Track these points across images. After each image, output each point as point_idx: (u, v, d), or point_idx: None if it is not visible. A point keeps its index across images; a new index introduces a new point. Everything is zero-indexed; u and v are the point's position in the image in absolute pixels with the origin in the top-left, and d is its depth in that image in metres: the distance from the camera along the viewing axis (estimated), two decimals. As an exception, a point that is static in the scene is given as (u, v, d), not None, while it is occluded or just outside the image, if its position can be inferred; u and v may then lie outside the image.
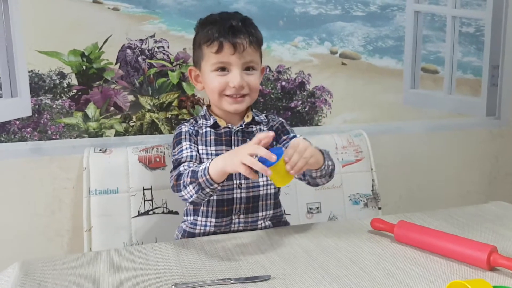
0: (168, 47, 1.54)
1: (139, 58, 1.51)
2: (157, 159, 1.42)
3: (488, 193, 1.96)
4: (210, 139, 1.18)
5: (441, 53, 1.84)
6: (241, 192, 1.17)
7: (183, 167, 1.11)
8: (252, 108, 1.25)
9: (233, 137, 1.19)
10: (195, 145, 1.18)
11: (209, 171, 1.01)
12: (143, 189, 1.40)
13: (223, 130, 1.20)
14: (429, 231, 1.02)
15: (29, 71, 1.43)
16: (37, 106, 1.44)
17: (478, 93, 1.92)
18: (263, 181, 1.20)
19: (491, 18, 1.87)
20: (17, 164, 1.44)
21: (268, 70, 1.62)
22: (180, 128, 1.21)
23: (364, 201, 1.59)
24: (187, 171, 1.07)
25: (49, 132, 1.46)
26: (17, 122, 1.43)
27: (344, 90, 1.73)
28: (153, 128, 1.55)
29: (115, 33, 1.48)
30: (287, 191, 1.48)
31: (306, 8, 1.65)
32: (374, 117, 1.79)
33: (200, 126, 1.21)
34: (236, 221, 1.18)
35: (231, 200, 1.17)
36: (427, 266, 0.93)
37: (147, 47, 1.52)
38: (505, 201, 1.35)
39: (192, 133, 1.19)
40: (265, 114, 1.27)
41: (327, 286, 0.86)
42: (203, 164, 1.04)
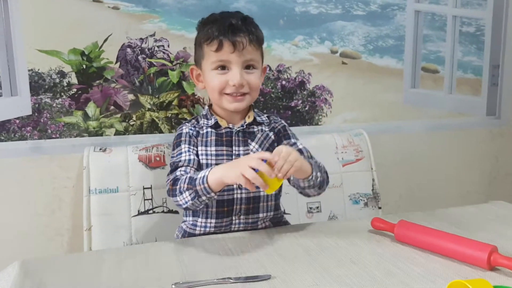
0: (168, 46, 1.53)
1: (139, 57, 1.51)
2: (157, 158, 1.41)
3: (488, 193, 1.96)
4: (211, 140, 1.18)
5: (442, 52, 1.84)
6: (241, 193, 1.17)
7: (180, 171, 1.11)
8: (254, 108, 1.24)
9: (234, 137, 1.19)
10: (194, 148, 1.17)
11: (207, 180, 1.01)
12: (143, 188, 1.39)
13: (224, 130, 1.19)
14: (429, 230, 1.02)
15: (29, 70, 1.42)
16: (37, 105, 1.44)
17: (478, 93, 1.92)
18: None
19: (491, 17, 1.87)
20: (17, 163, 1.44)
21: (268, 69, 1.62)
22: (181, 129, 1.21)
23: (364, 200, 1.59)
24: (184, 177, 1.07)
25: (49, 131, 1.46)
26: (17, 121, 1.43)
27: (344, 90, 1.73)
28: (153, 127, 1.55)
29: (115, 32, 1.48)
30: (287, 190, 1.48)
31: (306, 7, 1.65)
32: (374, 117, 1.79)
33: (201, 127, 1.20)
34: (237, 221, 1.18)
35: (231, 200, 1.16)
36: (428, 265, 0.93)
37: (147, 46, 1.52)
38: (505, 201, 1.35)
39: (192, 135, 1.19)
40: (267, 114, 1.26)
41: (327, 286, 0.86)
42: (202, 172, 1.04)
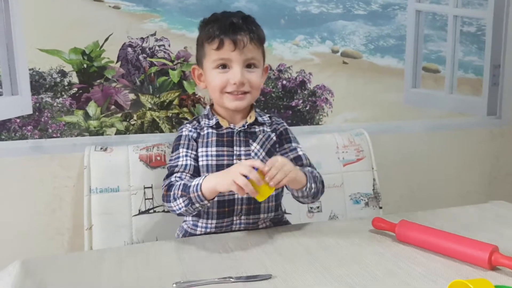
0: (169, 45, 1.53)
1: (140, 57, 1.51)
2: (158, 158, 1.41)
3: (488, 193, 1.96)
4: (211, 140, 1.18)
5: (442, 52, 1.84)
6: None
7: (175, 177, 1.12)
8: (256, 108, 1.24)
9: (235, 137, 1.18)
10: (193, 152, 1.17)
11: (201, 188, 1.02)
12: (144, 187, 1.39)
13: (225, 131, 1.19)
14: (430, 230, 1.02)
15: (29, 69, 1.42)
16: (37, 104, 1.44)
17: (479, 93, 1.92)
18: None
19: (492, 17, 1.87)
20: (17, 162, 1.44)
21: (269, 69, 1.62)
22: (181, 130, 1.21)
23: (365, 200, 1.59)
24: (178, 183, 1.08)
25: (50, 130, 1.46)
26: (18, 120, 1.43)
27: (345, 89, 1.73)
28: (153, 127, 1.55)
29: (116, 31, 1.48)
30: (288, 191, 1.48)
31: (307, 6, 1.65)
32: (375, 116, 1.79)
33: (202, 128, 1.20)
34: (237, 222, 1.17)
35: (232, 201, 1.16)
36: (429, 265, 0.93)
37: (148, 46, 1.51)
38: (506, 201, 1.34)
39: (192, 138, 1.18)
40: (268, 115, 1.26)
41: (328, 285, 0.86)
42: (196, 179, 1.05)
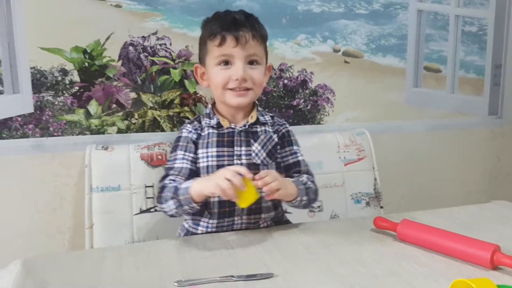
0: (171, 44, 1.53)
1: (141, 55, 1.51)
2: (159, 157, 1.41)
3: (489, 193, 1.96)
4: (212, 141, 1.17)
5: (444, 52, 1.84)
6: None
7: (169, 180, 1.13)
8: (258, 107, 1.23)
9: (235, 137, 1.18)
10: (190, 154, 1.17)
11: (189, 191, 1.04)
12: (145, 186, 1.39)
13: (226, 131, 1.18)
14: (432, 230, 1.02)
15: (31, 68, 1.42)
16: (39, 103, 1.44)
17: (481, 92, 1.92)
18: None
19: (494, 17, 1.87)
20: (18, 161, 1.44)
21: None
22: (181, 131, 1.21)
23: (366, 200, 1.59)
24: (170, 186, 1.09)
25: (51, 129, 1.46)
26: (19, 119, 1.43)
27: (347, 89, 1.73)
28: (155, 126, 1.55)
29: (117, 30, 1.47)
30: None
31: (309, 6, 1.64)
32: (376, 116, 1.79)
33: (203, 128, 1.20)
34: (239, 222, 1.17)
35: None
36: (430, 265, 0.93)
37: (149, 44, 1.51)
38: (507, 200, 1.34)
39: (190, 140, 1.18)
40: (270, 114, 1.25)
41: (329, 284, 0.85)
42: (187, 182, 1.07)
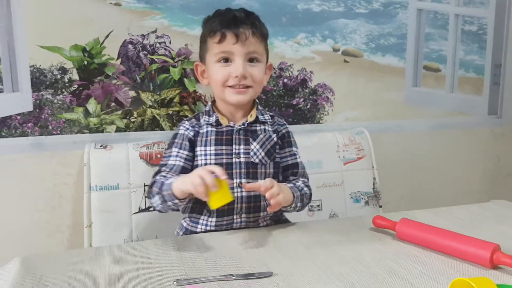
0: (170, 42, 1.53)
1: (141, 54, 1.51)
2: (158, 155, 1.41)
3: (489, 192, 1.96)
4: (210, 139, 1.17)
5: (444, 51, 1.84)
6: (241, 191, 1.16)
7: (160, 176, 1.13)
8: (258, 105, 1.22)
9: (234, 135, 1.17)
10: (184, 152, 1.17)
11: (172, 187, 1.05)
12: (144, 185, 1.39)
13: (225, 129, 1.18)
14: (431, 229, 1.02)
15: (30, 66, 1.42)
16: (38, 101, 1.44)
17: (480, 92, 1.92)
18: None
19: (493, 16, 1.87)
20: (17, 159, 1.44)
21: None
22: (179, 128, 1.21)
23: (365, 199, 1.59)
24: (158, 181, 1.10)
25: (50, 127, 1.46)
26: (18, 117, 1.43)
27: (346, 88, 1.73)
28: (154, 124, 1.54)
29: (116, 28, 1.47)
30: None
31: (309, 5, 1.64)
32: (375, 115, 1.78)
33: (201, 126, 1.19)
34: (238, 220, 1.17)
35: None
36: (430, 264, 0.93)
37: (149, 43, 1.51)
38: (507, 200, 1.34)
39: (186, 137, 1.18)
40: (270, 114, 1.25)
41: (328, 283, 0.85)
42: (172, 178, 1.08)
